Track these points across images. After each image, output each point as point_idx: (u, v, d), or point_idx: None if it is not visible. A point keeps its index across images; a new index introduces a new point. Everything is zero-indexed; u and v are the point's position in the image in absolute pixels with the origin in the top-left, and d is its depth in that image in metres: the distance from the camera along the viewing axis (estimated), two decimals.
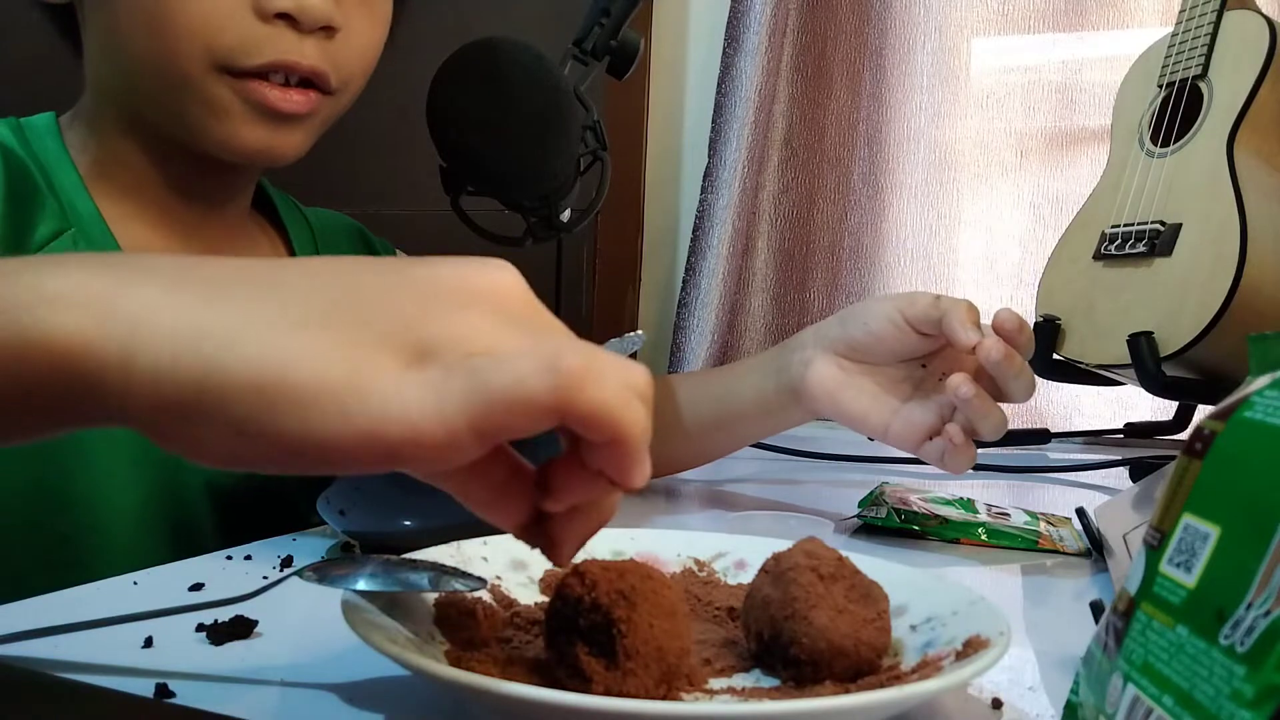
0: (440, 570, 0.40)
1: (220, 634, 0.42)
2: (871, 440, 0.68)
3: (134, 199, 0.64)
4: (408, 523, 0.55)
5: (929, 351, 0.65)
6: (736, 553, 0.48)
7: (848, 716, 0.31)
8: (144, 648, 0.41)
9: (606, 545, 0.48)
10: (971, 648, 0.35)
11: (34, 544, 0.59)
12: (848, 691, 0.34)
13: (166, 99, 0.60)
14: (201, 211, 0.67)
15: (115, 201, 0.63)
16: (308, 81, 0.60)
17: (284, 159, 0.63)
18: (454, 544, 0.45)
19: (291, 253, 0.75)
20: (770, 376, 0.70)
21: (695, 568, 0.48)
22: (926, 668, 0.35)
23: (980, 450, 1.17)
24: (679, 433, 0.76)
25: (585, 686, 0.32)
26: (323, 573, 0.40)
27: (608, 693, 0.32)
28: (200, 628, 0.43)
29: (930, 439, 0.63)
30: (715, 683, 0.37)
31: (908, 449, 0.64)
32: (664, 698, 0.33)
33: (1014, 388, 0.61)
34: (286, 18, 0.58)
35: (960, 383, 0.60)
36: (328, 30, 0.60)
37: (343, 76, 0.63)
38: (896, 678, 0.35)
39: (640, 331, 0.54)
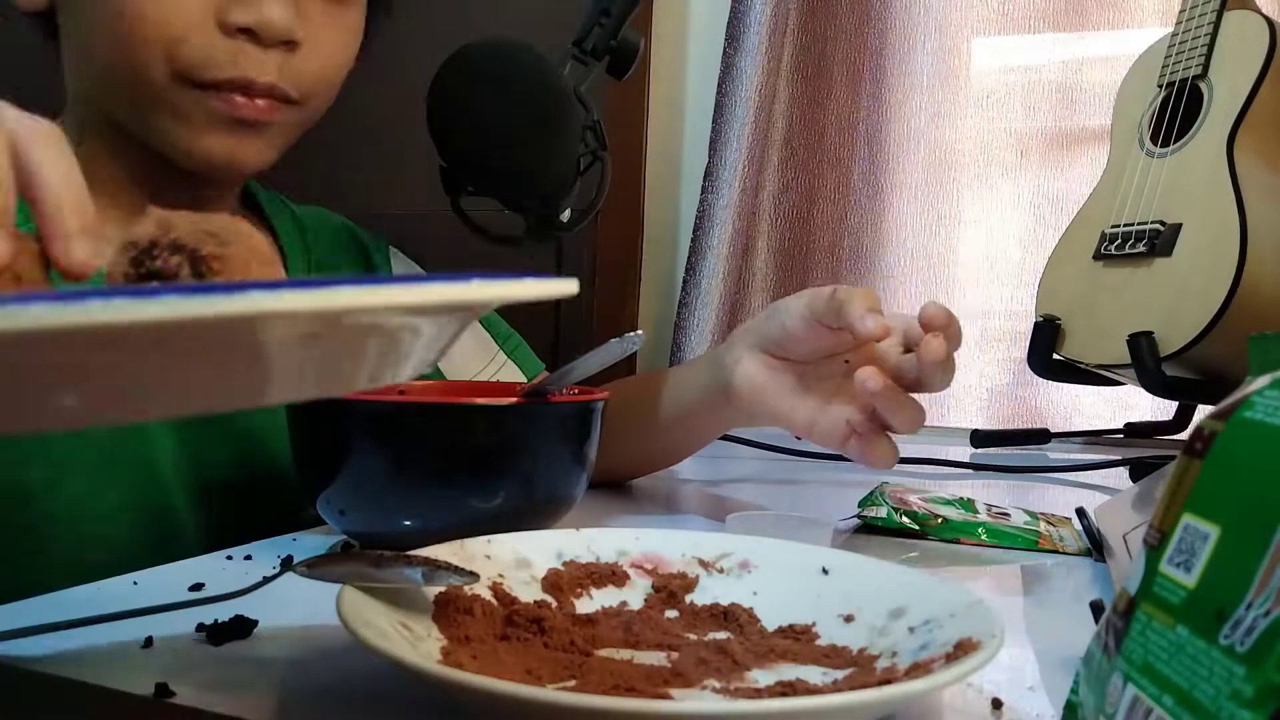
0: (433, 565, 0.40)
1: (220, 633, 0.42)
2: (799, 439, 0.66)
3: (113, 200, 0.64)
4: (407, 522, 0.55)
5: (847, 346, 0.62)
6: (741, 553, 0.48)
7: (837, 715, 0.31)
8: (144, 647, 0.41)
9: (611, 545, 0.48)
10: (962, 650, 0.35)
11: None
12: (839, 691, 0.34)
13: (134, 107, 0.61)
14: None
15: (98, 205, 0.63)
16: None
17: (247, 168, 0.63)
18: (458, 542, 0.45)
19: (281, 250, 0.74)
20: (711, 374, 0.68)
21: (700, 568, 0.48)
22: (919, 670, 0.35)
23: (980, 450, 1.18)
24: (654, 428, 0.75)
25: None
26: (315, 567, 0.40)
27: None
28: (200, 628, 0.43)
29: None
30: (710, 683, 0.37)
31: (832, 446, 0.62)
32: None
33: (937, 382, 0.59)
34: (248, 32, 0.58)
35: (867, 376, 0.57)
36: (289, 45, 0.61)
37: (304, 90, 0.63)
38: (890, 679, 0.35)
39: (640, 332, 0.54)
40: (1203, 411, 1.21)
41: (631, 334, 0.54)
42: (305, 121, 0.66)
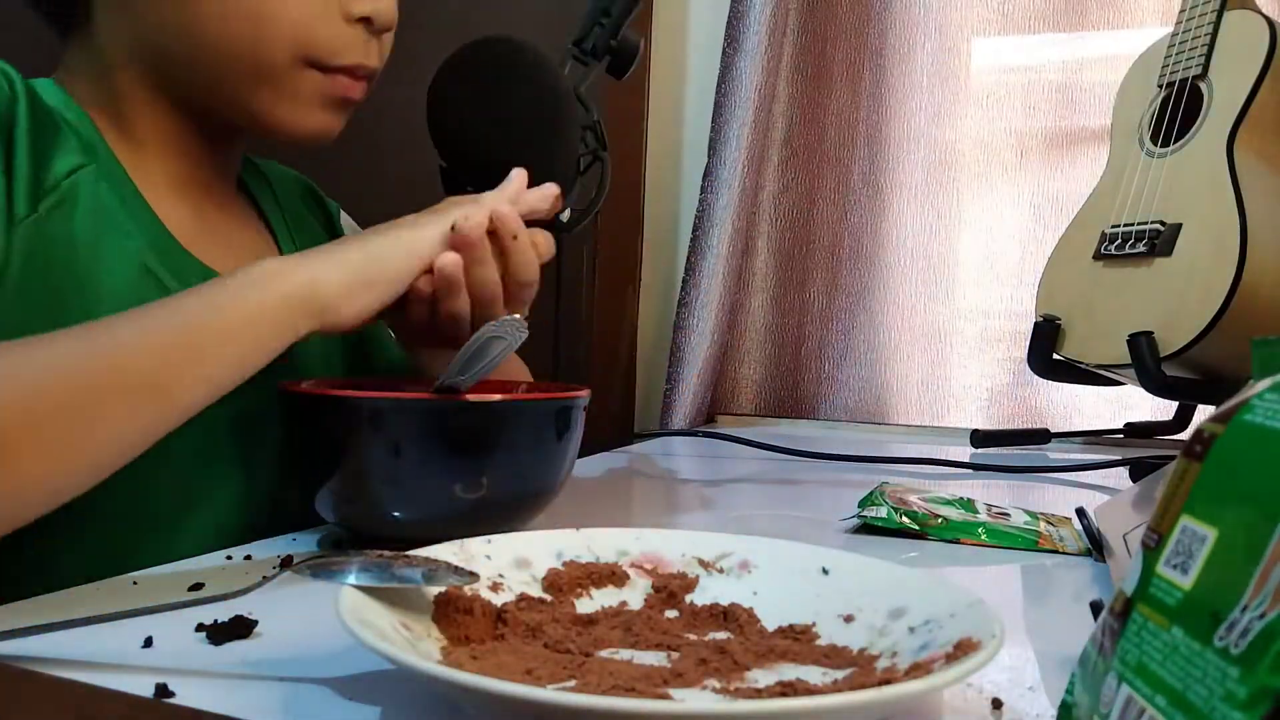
0: (434, 566, 0.41)
1: (220, 633, 0.42)
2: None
3: (147, 151, 0.65)
4: (396, 514, 0.56)
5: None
6: (741, 553, 0.48)
7: (837, 715, 0.31)
8: (144, 647, 0.41)
9: (611, 545, 0.48)
10: (962, 650, 0.35)
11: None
12: (839, 691, 0.34)
13: (237, 80, 0.63)
14: (210, 168, 0.69)
15: (129, 151, 0.65)
16: None
17: (331, 139, 0.68)
18: (457, 542, 0.45)
19: (252, 198, 0.77)
20: None
21: (700, 568, 0.48)
22: (919, 670, 0.35)
23: (981, 450, 1.18)
24: None
25: None
26: (316, 567, 0.40)
27: None
28: (200, 627, 0.43)
29: None
30: (710, 683, 0.37)
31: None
32: None
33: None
34: (365, 20, 0.64)
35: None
36: (388, 30, 0.67)
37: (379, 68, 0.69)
38: (890, 679, 0.35)
39: (517, 316, 0.56)
40: (1203, 412, 1.21)
41: (507, 317, 0.56)
42: None
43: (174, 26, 0.62)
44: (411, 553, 0.42)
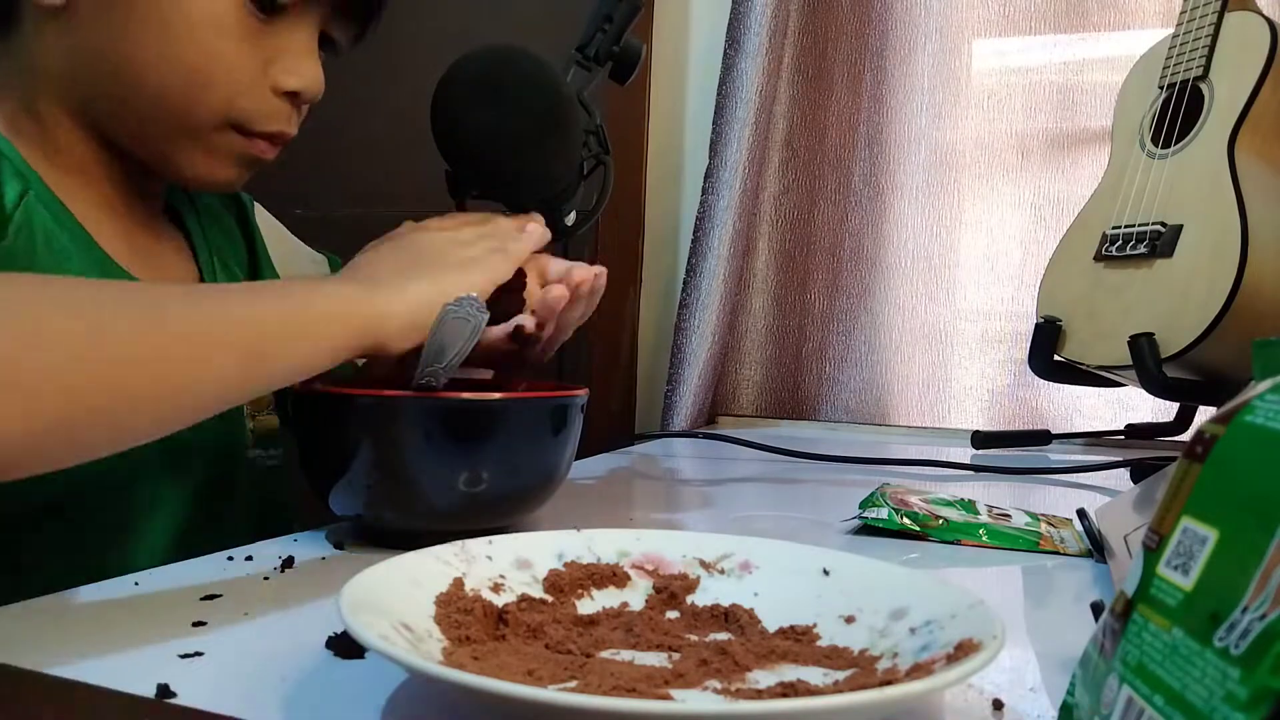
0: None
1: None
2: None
3: (74, 178, 0.65)
4: (402, 507, 0.58)
5: None
6: (742, 554, 0.48)
7: (838, 716, 0.31)
8: (144, 647, 0.41)
9: (612, 546, 0.48)
10: (963, 651, 0.35)
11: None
12: (840, 692, 0.34)
13: (162, 130, 0.63)
14: (137, 194, 0.70)
15: (58, 177, 0.65)
16: None
17: (233, 191, 0.72)
18: (459, 543, 0.45)
19: (174, 212, 0.76)
20: None
21: (701, 569, 0.48)
22: (920, 671, 0.35)
23: (981, 451, 1.18)
24: None
25: None
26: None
27: None
28: (199, 625, 0.43)
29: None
30: (711, 684, 0.37)
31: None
32: None
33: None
34: (293, 94, 0.65)
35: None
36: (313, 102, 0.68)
37: None
38: (891, 680, 0.35)
39: (473, 295, 0.59)
40: (1204, 413, 1.21)
41: (463, 295, 0.59)
42: None
43: (111, 63, 0.62)
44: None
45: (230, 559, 0.56)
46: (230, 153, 0.66)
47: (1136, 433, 1.26)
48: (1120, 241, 1.11)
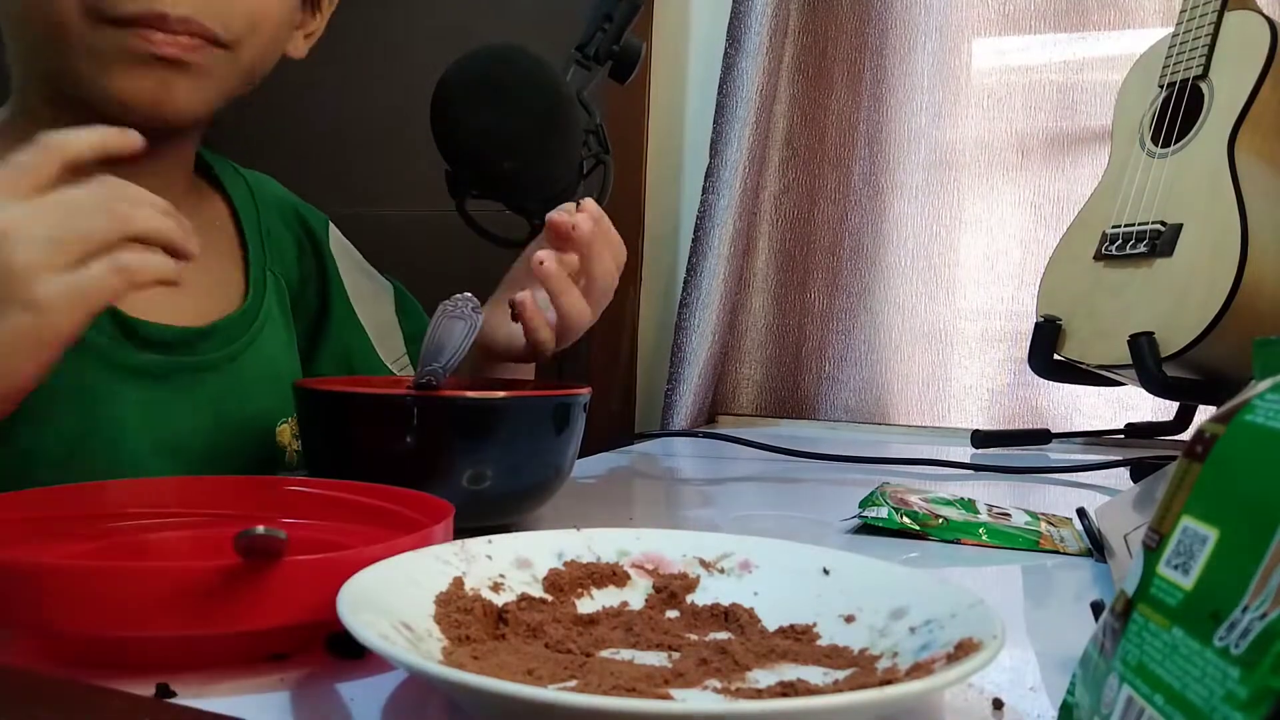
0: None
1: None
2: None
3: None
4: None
5: None
6: (742, 553, 0.48)
7: (838, 716, 0.31)
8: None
9: (612, 545, 0.48)
10: (963, 650, 0.35)
11: None
12: (840, 691, 0.34)
13: (49, 51, 0.59)
14: (128, 174, 0.65)
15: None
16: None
17: (177, 112, 0.61)
18: (458, 542, 0.45)
19: (234, 212, 0.75)
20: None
21: (701, 568, 0.48)
22: (920, 670, 0.35)
23: (981, 451, 1.18)
24: None
25: None
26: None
27: None
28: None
29: None
30: (711, 683, 0.37)
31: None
32: None
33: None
34: None
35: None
36: None
37: (233, 31, 0.61)
38: (891, 680, 0.35)
39: (467, 294, 0.59)
40: (1204, 412, 1.21)
41: (459, 295, 0.58)
42: (243, 71, 0.64)
43: (5, 14, 0.61)
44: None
45: None
46: (119, 55, 0.58)
47: (1136, 432, 1.26)
48: (1120, 241, 1.11)
